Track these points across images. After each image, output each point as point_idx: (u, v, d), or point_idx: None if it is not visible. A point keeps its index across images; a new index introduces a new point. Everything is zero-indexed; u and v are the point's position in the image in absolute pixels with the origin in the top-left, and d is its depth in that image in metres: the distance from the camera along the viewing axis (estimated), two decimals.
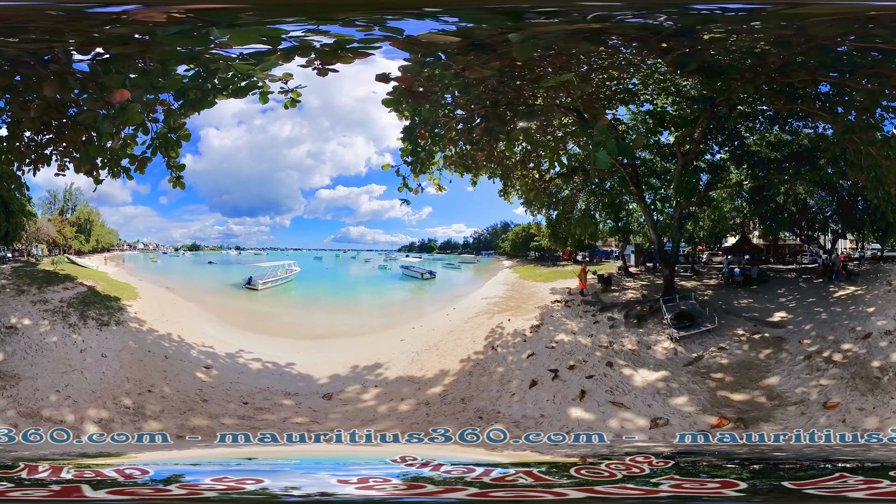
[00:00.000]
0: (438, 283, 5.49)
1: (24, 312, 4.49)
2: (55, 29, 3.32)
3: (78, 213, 5.10)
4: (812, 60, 3.74)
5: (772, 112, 4.37)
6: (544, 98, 4.18)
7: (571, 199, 4.96)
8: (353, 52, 3.61)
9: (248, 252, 5.05)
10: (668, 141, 4.60)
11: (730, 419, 3.72)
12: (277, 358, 4.35)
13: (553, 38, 3.48)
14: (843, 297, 4.50)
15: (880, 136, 3.97)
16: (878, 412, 3.66)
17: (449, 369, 4.32)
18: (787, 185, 4.66)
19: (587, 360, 4.30)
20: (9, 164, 4.04)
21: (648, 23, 3.43)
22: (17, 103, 3.75)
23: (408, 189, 4.44)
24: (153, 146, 4.06)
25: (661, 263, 4.84)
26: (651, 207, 4.79)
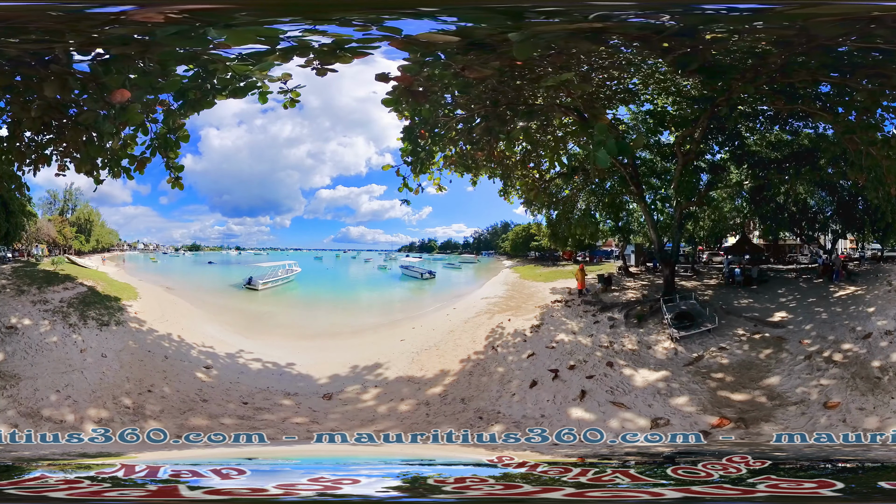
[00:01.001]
0: (438, 282, 5.49)
1: (25, 312, 4.49)
2: (55, 29, 3.32)
3: (78, 214, 5.10)
4: (813, 60, 3.74)
5: (772, 112, 4.37)
6: (544, 98, 4.18)
7: (571, 199, 4.96)
8: (352, 51, 3.61)
9: (248, 252, 5.05)
10: (668, 141, 4.60)
11: (730, 419, 3.72)
12: (277, 358, 4.35)
13: (553, 37, 3.48)
14: (843, 297, 4.50)
15: (880, 137, 3.97)
16: (879, 412, 3.66)
17: (449, 369, 4.32)
18: (788, 185, 4.66)
19: (587, 360, 4.30)
20: (9, 164, 4.04)
21: (650, 22, 3.42)
22: (17, 103, 3.75)
23: (408, 189, 4.44)
24: (153, 147, 4.06)
25: (662, 263, 4.83)
26: (651, 207, 4.78)
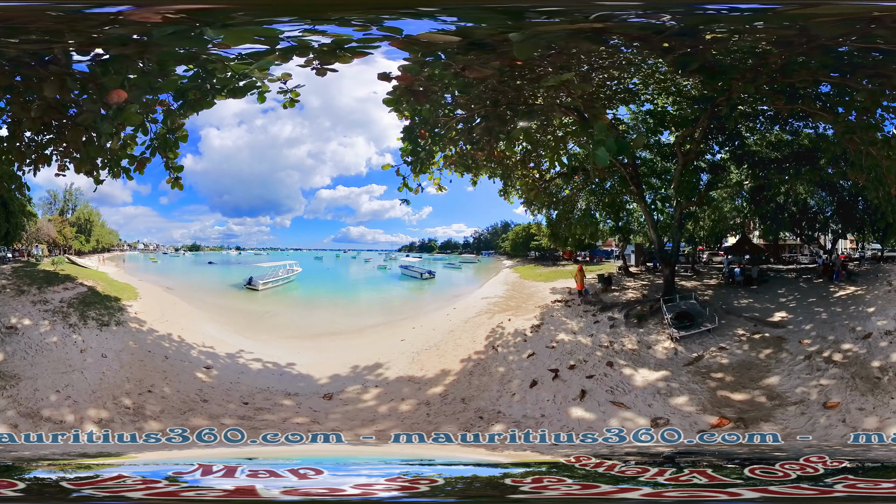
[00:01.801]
0: (439, 282, 5.49)
1: (25, 313, 4.49)
2: (55, 29, 3.32)
3: (78, 214, 5.10)
4: (813, 61, 3.74)
5: (772, 112, 4.36)
6: (545, 98, 4.18)
7: (572, 199, 4.96)
8: (352, 51, 3.61)
9: (248, 252, 5.04)
10: (668, 141, 4.60)
11: (730, 419, 3.73)
12: (278, 358, 4.35)
13: (554, 37, 3.48)
14: (843, 297, 4.50)
15: (881, 137, 3.97)
16: (878, 412, 3.66)
17: (449, 369, 4.32)
18: (788, 185, 4.66)
19: (587, 359, 4.30)
20: (9, 164, 4.04)
21: (651, 22, 3.42)
22: (17, 104, 3.75)
23: (408, 189, 4.44)
24: (152, 147, 4.06)
25: (662, 263, 4.84)
26: (651, 207, 4.78)
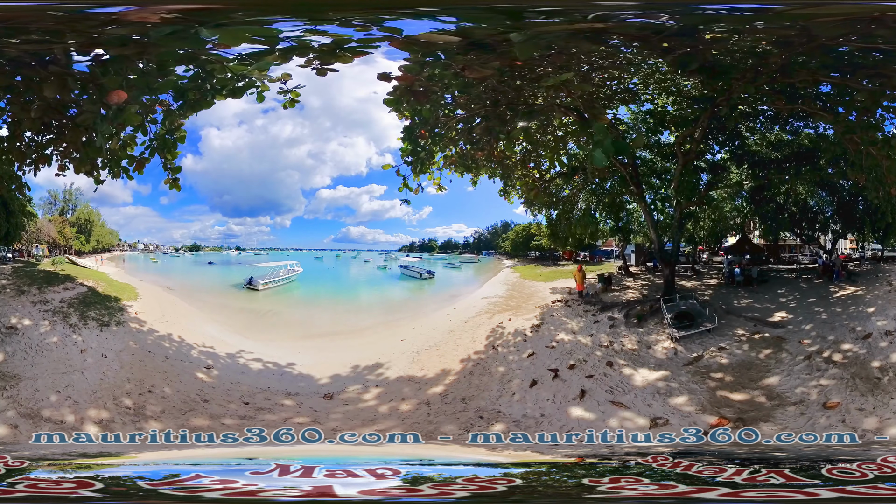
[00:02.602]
0: (439, 282, 5.49)
1: (25, 313, 4.49)
2: (55, 30, 3.32)
3: (78, 214, 5.10)
4: (813, 61, 3.74)
5: (772, 112, 4.36)
6: (544, 98, 4.18)
7: (572, 199, 4.96)
8: (352, 51, 3.60)
9: (248, 252, 5.04)
10: (668, 140, 4.60)
11: (729, 419, 3.73)
12: (278, 358, 4.35)
13: (553, 37, 3.47)
14: (843, 298, 4.50)
15: (881, 137, 3.97)
16: (878, 412, 3.66)
17: (450, 369, 4.32)
18: (788, 185, 4.66)
19: (587, 359, 4.30)
20: (9, 164, 4.04)
21: (650, 22, 3.42)
22: (17, 104, 3.74)
23: (408, 189, 4.44)
24: (151, 147, 4.06)
25: (662, 263, 4.83)
26: (651, 207, 4.78)
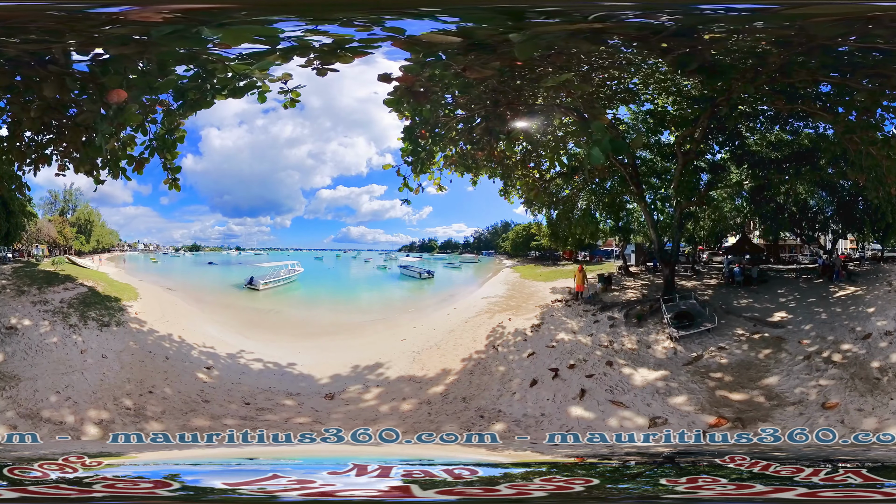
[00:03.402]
0: (439, 282, 5.49)
1: (24, 313, 4.48)
2: (55, 29, 3.32)
3: (78, 214, 5.08)
4: (813, 60, 3.74)
5: (772, 112, 4.36)
6: (545, 98, 4.18)
7: (572, 199, 4.96)
8: (353, 51, 3.61)
9: (248, 252, 5.04)
10: (668, 140, 4.60)
11: (728, 419, 3.74)
12: (279, 358, 4.35)
13: (553, 37, 3.48)
14: (843, 298, 4.50)
15: (881, 136, 3.97)
16: (878, 413, 3.67)
17: (450, 368, 4.33)
18: (788, 185, 4.66)
19: (587, 359, 4.30)
20: (9, 164, 4.04)
21: (650, 23, 3.43)
22: (17, 104, 3.74)
23: (408, 189, 4.44)
24: (151, 147, 4.06)
25: (662, 263, 4.84)
26: (651, 207, 4.78)
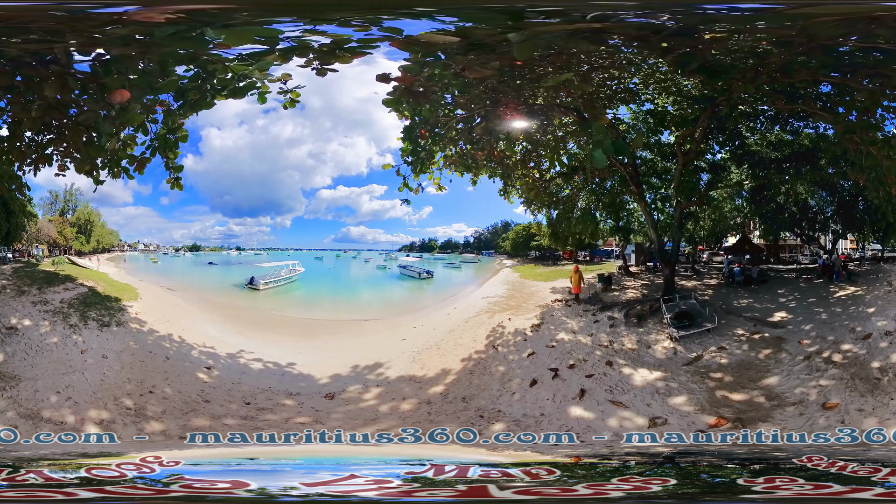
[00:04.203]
0: (439, 282, 5.49)
1: (25, 313, 4.49)
2: (56, 29, 3.32)
3: (78, 214, 5.09)
4: (813, 60, 3.74)
5: (773, 112, 4.36)
6: (545, 98, 4.18)
7: (572, 199, 4.95)
8: (352, 51, 3.61)
9: (248, 252, 5.04)
10: (668, 140, 4.60)
11: (728, 419, 3.73)
12: (279, 358, 4.35)
13: (553, 37, 3.48)
14: (843, 298, 4.50)
15: (881, 136, 3.97)
16: (878, 413, 3.67)
17: (450, 368, 4.33)
18: (788, 185, 4.66)
19: (587, 359, 4.30)
20: (10, 164, 4.04)
21: (650, 22, 3.42)
22: (18, 104, 3.75)
23: (408, 189, 4.44)
24: (152, 147, 4.06)
25: (662, 263, 4.84)
26: (651, 207, 4.78)
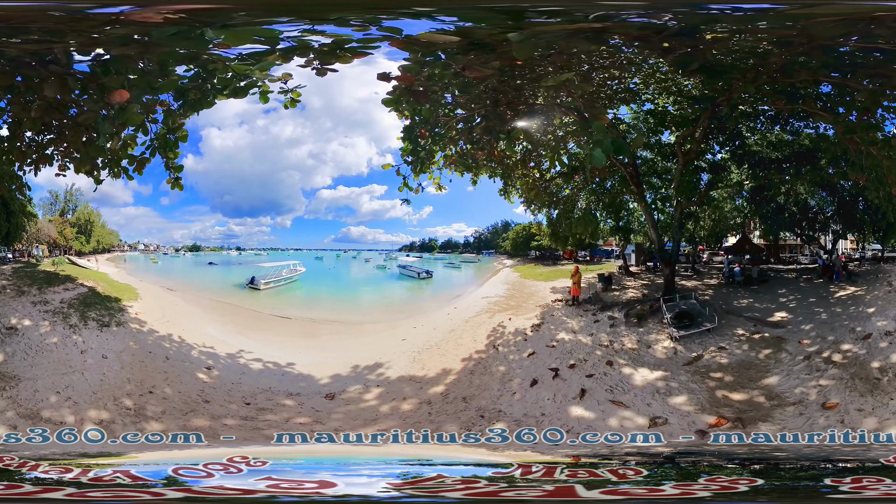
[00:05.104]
0: (439, 282, 5.49)
1: (25, 313, 4.49)
2: (56, 30, 3.32)
3: (78, 214, 5.09)
4: (814, 60, 3.74)
5: (773, 112, 4.36)
6: (545, 97, 4.18)
7: (572, 199, 4.95)
8: (352, 51, 3.60)
9: (248, 252, 5.04)
10: (669, 140, 4.60)
11: (728, 419, 3.74)
12: (279, 358, 4.35)
13: (553, 37, 3.47)
14: (843, 298, 4.50)
15: (881, 137, 3.97)
16: (878, 413, 3.67)
17: (450, 368, 4.33)
18: (788, 185, 4.66)
19: (587, 358, 4.30)
20: (10, 164, 4.04)
21: (652, 22, 3.42)
22: (18, 104, 3.74)
23: (408, 189, 4.44)
24: (152, 147, 4.05)
25: (662, 263, 4.84)
26: (652, 207, 4.78)
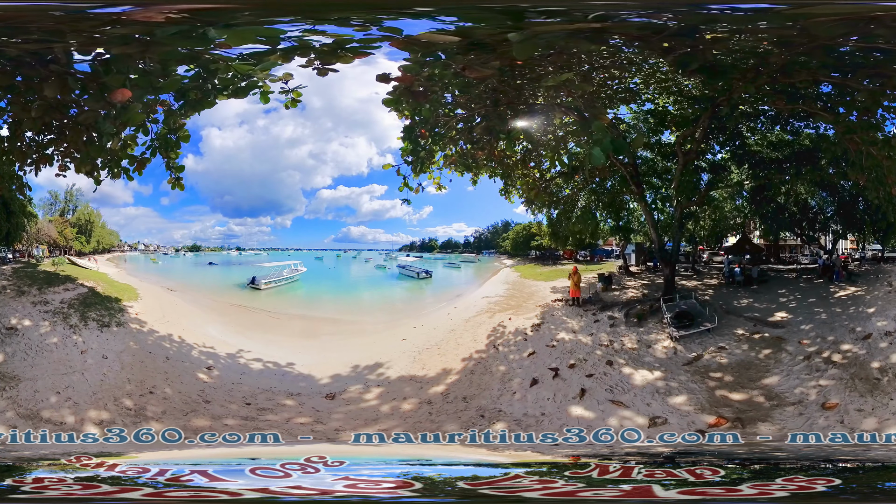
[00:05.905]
0: (439, 282, 5.49)
1: (25, 313, 4.49)
2: (56, 29, 3.32)
3: (79, 214, 5.09)
4: (814, 61, 3.74)
5: (773, 112, 4.36)
6: (545, 97, 4.18)
7: (572, 198, 4.96)
8: (353, 51, 3.60)
9: (248, 253, 5.04)
10: (669, 140, 4.60)
11: (728, 419, 3.74)
12: (279, 358, 4.35)
13: (553, 37, 3.47)
14: (843, 298, 4.51)
15: (881, 137, 3.98)
16: (878, 413, 3.67)
17: (451, 368, 4.33)
18: (788, 185, 4.66)
19: (587, 358, 4.31)
20: (10, 164, 4.04)
21: (652, 22, 3.42)
22: (18, 104, 3.74)
23: (408, 188, 4.44)
24: (153, 147, 4.05)
25: (662, 263, 4.84)
26: (652, 207, 4.78)
